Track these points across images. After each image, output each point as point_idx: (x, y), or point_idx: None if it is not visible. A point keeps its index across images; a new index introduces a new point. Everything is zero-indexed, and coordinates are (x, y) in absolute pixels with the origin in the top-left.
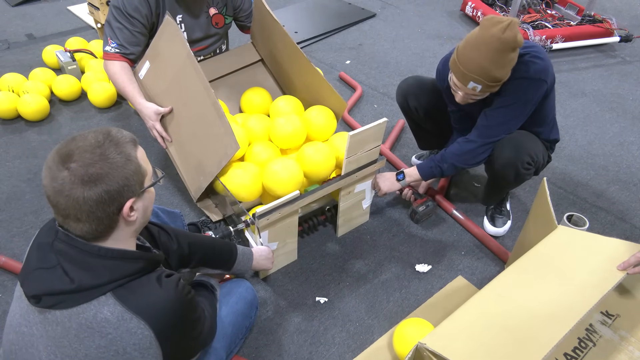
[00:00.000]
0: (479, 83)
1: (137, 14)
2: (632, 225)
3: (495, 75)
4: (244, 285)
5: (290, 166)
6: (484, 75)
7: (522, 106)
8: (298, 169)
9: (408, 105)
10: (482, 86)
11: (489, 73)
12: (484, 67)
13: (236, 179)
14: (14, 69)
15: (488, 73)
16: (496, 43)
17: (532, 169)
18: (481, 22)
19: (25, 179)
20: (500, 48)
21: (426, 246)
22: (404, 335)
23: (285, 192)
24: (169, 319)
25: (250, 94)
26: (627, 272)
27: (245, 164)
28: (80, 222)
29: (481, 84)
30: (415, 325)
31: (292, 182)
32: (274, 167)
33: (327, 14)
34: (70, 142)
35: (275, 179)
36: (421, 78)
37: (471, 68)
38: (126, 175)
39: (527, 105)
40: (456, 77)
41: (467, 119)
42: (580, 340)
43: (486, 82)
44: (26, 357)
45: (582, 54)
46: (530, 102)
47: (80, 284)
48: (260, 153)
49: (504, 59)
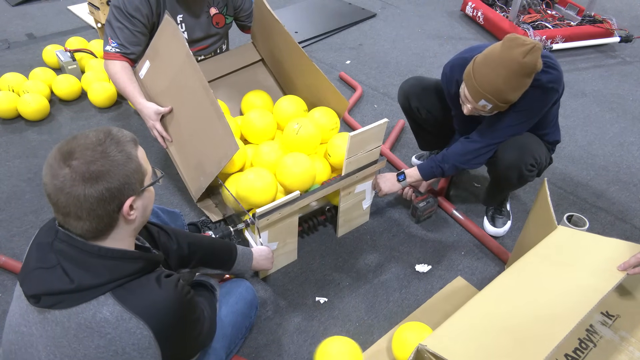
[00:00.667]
0: (490, 102)
1: (138, 13)
2: (632, 225)
3: (508, 97)
4: (244, 285)
5: (264, 176)
6: (497, 95)
7: (532, 113)
8: (272, 179)
9: (410, 106)
10: (493, 105)
11: (502, 95)
12: (499, 89)
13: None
14: (14, 69)
15: (501, 94)
16: (516, 66)
17: (535, 170)
18: (504, 40)
19: (25, 178)
20: (519, 72)
21: (426, 246)
22: (403, 340)
23: (260, 201)
24: (168, 319)
25: (251, 97)
26: (627, 272)
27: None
28: (81, 220)
29: (492, 104)
30: (414, 329)
31: (266, 192)
32: (248, 175)
33: (328, 14)
34: (72, 140)
35: (248, 187)
36: (423, 79)
37: (485, 87)
38: (127, 173)
39: (538, 113)
40: (468, 91)
41: (470, 122)
42: (580, 341)
43: (497, 102)
44: (25, 357)
45: (582, 55)
46: (541, 110)
47: (79, 284)
48: (269, 153)
49: (519, 82)
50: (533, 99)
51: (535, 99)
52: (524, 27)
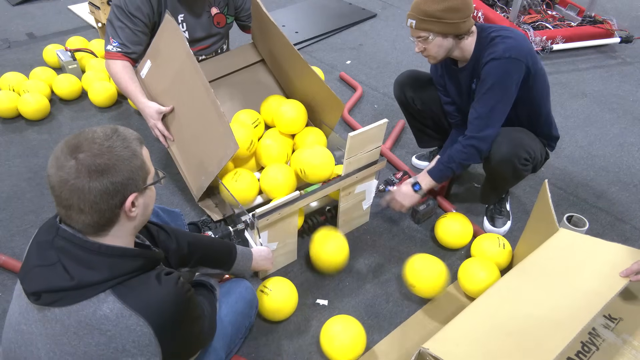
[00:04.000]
0: (413, 18)
1: (139, 12)
2: (632, 226)
3: (425, 9)
4: (244, 285)
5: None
6: (416, 9)
7: (502, 88)
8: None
9: (405, 97)
10: (416, 21)
11: (420, 7)
12: (417, 3)
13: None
14: (14, 68)
15: (419, 7)
16: None
17: (529, 165)
18: None
19: (25, 178)
20: None
21: (426, 246)
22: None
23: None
24: (168, 316)
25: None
26: (630, 279)
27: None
28: (83, 213)
29: (415, 19)
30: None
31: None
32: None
33: (328, 14)
34: (80, 134)
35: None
36: (417, 71)
37: (410, 8)
38: (131, 169)
39: (507, 86)
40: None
41: (462, 113)
42: (583, 345)
43: (418, 16)
44: (26, 355)
45: (583, 55)
46: (509, 83)
47: (80, 281)
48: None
49: None
50: (495, 72)
51: (498, 71)
52: (525, 28)
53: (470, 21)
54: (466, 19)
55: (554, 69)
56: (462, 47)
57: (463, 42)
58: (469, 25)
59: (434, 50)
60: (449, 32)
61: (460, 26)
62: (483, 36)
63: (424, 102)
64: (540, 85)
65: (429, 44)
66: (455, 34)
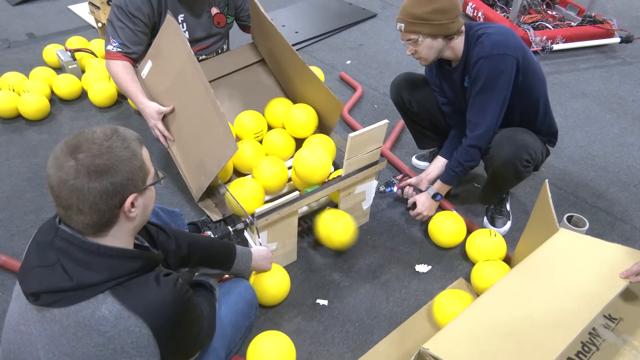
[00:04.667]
0: (402, 22)
1: (139, 13)
2: (632, 226)
3: (413, 11)
4: (243, 285)
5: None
6: (404, 12)
7: (494, 85)
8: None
9: (402, 100)
10: (405, 24)
11: (408, 10)
12: (405, 6)
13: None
14: (14, 68)
15: (407, 10)
16: None
17: (531, 166)
18: None
19: (25, 178)
20: None
21: (426, 246)
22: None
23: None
24: (167, 317)
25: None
26: (630, 280)
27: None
28: (82, 214)
29: (404, 22)
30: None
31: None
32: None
33: (328, 14)
34: (79, 134)
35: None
36: (412, 73)
37: (399, 12)
38: (131, 170)
39: (500, 83)
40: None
41: (459, 113)
42: (583, 345)
43: (406, 19)
44: (25, 355)
45: (583, 55)
46: (501, 79)
47: (79, 282)
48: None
49: None
50: (485, 70)
51: (488, 69)
52: (525, 28)
53: (459, 21)
54: (454, 19)
55: (554, 69)
56: (453, 47)
57: (453, 42)
58: (457, 25)
59: (425, 52)
60: (438, 33)
61: (449, 27)
62: (470, 34)
63: (420, 104)
64: (533, 77)
65: (419, 46)
66: (444, 34)
